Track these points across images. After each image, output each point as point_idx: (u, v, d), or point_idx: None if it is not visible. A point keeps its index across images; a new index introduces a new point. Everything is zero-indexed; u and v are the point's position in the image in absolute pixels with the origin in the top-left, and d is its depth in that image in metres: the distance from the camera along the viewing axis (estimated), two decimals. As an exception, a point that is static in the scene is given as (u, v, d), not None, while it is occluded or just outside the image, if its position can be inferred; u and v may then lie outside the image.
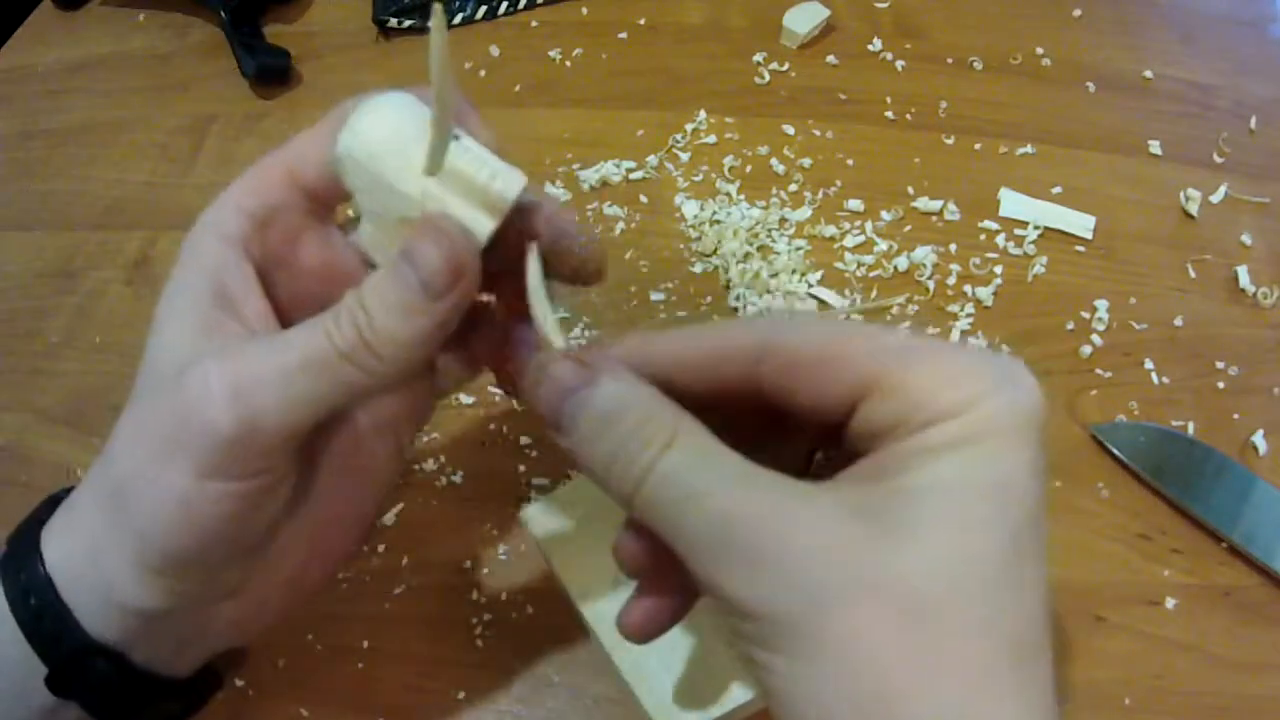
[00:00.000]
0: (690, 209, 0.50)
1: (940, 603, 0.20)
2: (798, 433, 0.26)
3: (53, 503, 0.28)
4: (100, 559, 0.25)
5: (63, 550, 0.26)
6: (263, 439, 0.24)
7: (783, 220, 0.49)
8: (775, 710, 0.21)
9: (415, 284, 0.24)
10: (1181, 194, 0.50)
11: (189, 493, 0.24)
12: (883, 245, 0.48)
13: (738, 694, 0.31)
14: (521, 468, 0.41)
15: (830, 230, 0.49)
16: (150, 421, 0.25)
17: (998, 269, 0.47)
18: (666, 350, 0.25)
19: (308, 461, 0.27)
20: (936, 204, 0.49)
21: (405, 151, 0.24)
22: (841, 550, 0.20)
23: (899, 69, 0.57)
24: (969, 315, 0.45)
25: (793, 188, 0.51)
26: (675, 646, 0.32)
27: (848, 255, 0.48)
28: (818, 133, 0.53)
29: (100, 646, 0.26)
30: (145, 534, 0.24)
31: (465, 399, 0.43)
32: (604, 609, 0.34)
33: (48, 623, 0.25)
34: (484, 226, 0.25)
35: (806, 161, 0.52)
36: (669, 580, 0.25)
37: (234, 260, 0.26)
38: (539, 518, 0.37)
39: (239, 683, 0.36)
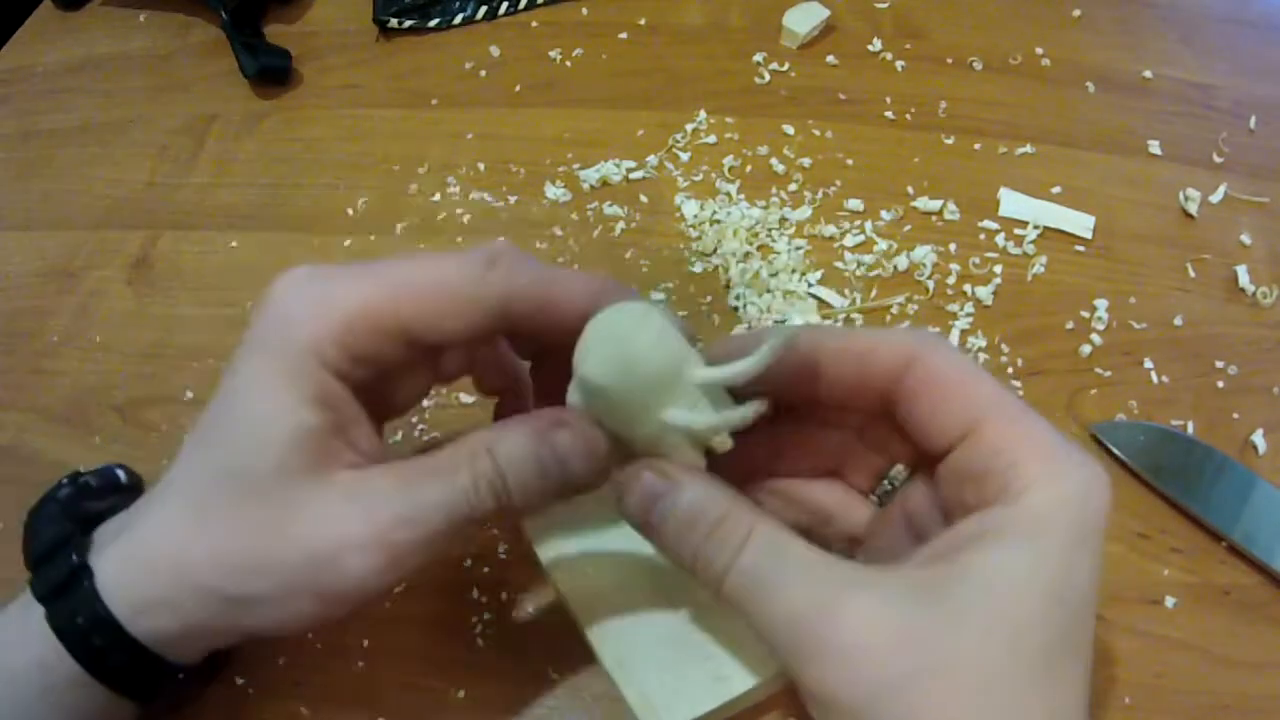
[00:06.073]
0: (690, 209, 0.50)
1: (998, 685, 0.22)
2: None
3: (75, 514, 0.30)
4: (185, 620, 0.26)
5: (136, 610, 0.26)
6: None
7: (783, 220, 0.49)
8: None
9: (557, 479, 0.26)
10: (1181, 194, 0.50)
11: (316, 616, 0.26)
12: (882, 245, 0.48)
13: (719, 692, 0.31)
14: (521, 467, 0.41)
15: (830, 230, 0.49)
16: (275, 558, 0.25)
17: (997, 268, 0.47)
18: (832, 339, 0.27)
19: None
20: (936, 204, 0.49)
21: (669, 371, 0.26)
22: (906, 639, 0.22)
23: (899, 69, 0.57)
24: (968, 315, 0.45)
25: (792, 187, 0.51)
26: (659, 643, 0.32)
27: (847, 255, 0.48)
28: (818, 133, 0.53)
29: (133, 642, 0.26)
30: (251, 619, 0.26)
31: (465, 398, 0.43)
32: (591, 605, 0.34)
33: (96, 639, 0.26)
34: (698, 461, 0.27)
35: (806, 161, 0.52)
36: None
37: (343, 394, 0.27)
38: (536, 517, 0.37)
39: (239, 681, 0.36)
